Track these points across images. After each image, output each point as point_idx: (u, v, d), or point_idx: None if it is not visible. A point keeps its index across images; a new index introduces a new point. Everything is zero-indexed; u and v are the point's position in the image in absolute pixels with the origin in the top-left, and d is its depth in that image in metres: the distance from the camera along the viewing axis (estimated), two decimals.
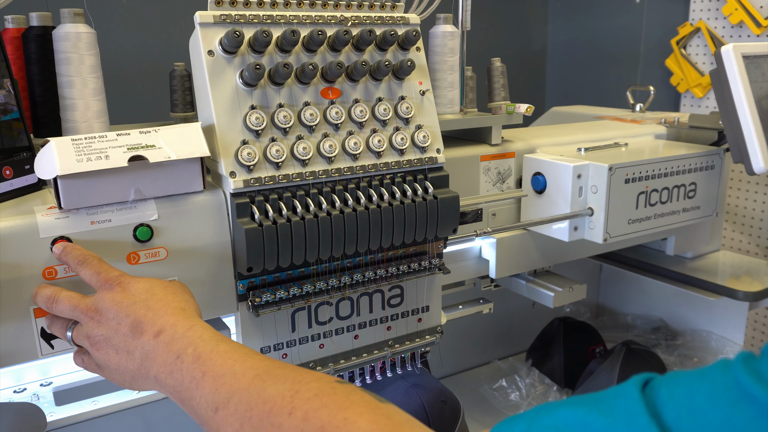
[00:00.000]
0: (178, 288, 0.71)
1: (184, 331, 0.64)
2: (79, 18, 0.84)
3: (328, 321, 0.93)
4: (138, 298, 0.67)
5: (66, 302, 0.69)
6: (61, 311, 0.70)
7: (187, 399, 0.60)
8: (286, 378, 0.56)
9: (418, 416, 1.00)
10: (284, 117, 0.83)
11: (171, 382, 0.61)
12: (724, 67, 1.09)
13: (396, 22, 0.92)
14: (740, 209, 1.82)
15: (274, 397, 0.54)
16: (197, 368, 0.60)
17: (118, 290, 0.68)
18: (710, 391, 0.43)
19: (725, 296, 1.41)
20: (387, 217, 0.87)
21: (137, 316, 0.66)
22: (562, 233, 1.14)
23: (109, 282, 0.69)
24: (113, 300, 0.67)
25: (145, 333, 0.65)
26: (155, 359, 0.63)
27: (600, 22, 2.40)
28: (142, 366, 0.64)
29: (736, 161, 1.12)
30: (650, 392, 0.44)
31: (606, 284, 1.85)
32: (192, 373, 0.60)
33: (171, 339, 0.63)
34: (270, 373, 0.57)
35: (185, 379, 0.60)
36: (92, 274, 0.70)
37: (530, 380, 1.50)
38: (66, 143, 0.73)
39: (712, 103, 2.00)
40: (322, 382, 0.55)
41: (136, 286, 0.68)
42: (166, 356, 0.62)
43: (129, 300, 0.67)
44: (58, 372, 0.96)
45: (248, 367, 0.58)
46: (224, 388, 0.57)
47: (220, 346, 0.61)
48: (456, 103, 1.15)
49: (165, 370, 0.62)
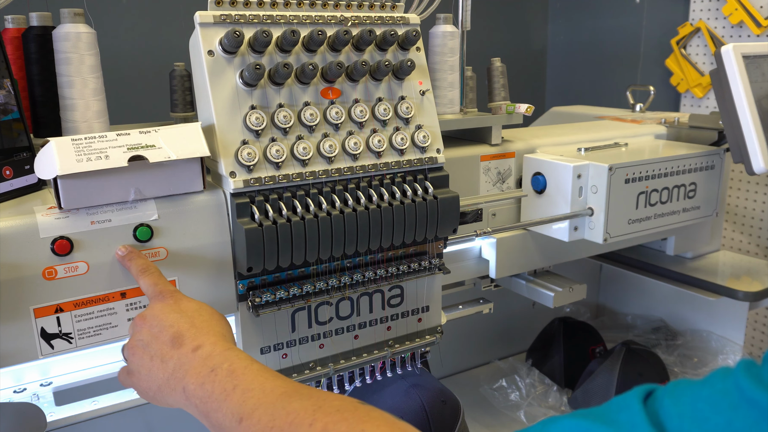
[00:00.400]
0: (222, 317, 0.73)
1: (222, 350, 0.65)
2: (79, 18, 0.84)
3: (328, 321, 0.93)
4: (185, 314, 0.69)
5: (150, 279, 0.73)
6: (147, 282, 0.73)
7: (213, 410, 0.61)
8: (311, 395, 0.58)
9: (418, 416, 1.00)
10: (284, 117, 0.83)
11: (200, 393, 0.62)
12: (724, 67, 1.09)
13: (396, 22, 0.92)
14: (740, 209, 1.82)
15: (297, 410, 0.56)
16: (229, 381, 0.61)
17: (170, 302, 0.70)
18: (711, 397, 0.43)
19: (725, 296, 1.41)
20: (387, 217, 0.87)
21: (180, 329, 0.68)
22: (562, 233, 1.14)
23: (163, 294, 0.71)
24: (162, 309, 0.70)
25: (185, 345, 0.66)
26: (189, 371, 0.64)
27: (600, 22, 2.40)
28: (173, 375, 0.65)
29: (736, 161, 1.12)
30: (653, 403, 0.45)
31: (606, 284, 1.85)
32: (224, 385, 0.61)
33: (209, 354, 0.65)
34: (297, 391, 0.59)
35: (216, 390, 0.61)
36: (150, 284, 0.73)
37: (530, 380, 1.50)
38: (66, 143, 0.73)
39: (712, 103, 2.00)
40: (345, 401, 0.57)
41: (187, 304, 0.71)
42: (200, 368, 0.64)
43: (176, 313, 0.69)
44: (58, 372, 0.96)
45: (277, 385, 0.60)
46: (251, 401, 0.59)
47: (254, 365, 0.63)
48: (456, 103, 1.15)
49: (196, 381, 0.63)
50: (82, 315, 0.77)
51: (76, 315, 0.76)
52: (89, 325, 0.78)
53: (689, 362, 1.55)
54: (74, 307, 0.76)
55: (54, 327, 0.75)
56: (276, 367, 0.90)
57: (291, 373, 0.91)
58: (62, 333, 0.76)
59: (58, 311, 0.75)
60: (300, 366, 0.92)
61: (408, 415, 1.00)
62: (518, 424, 1.38)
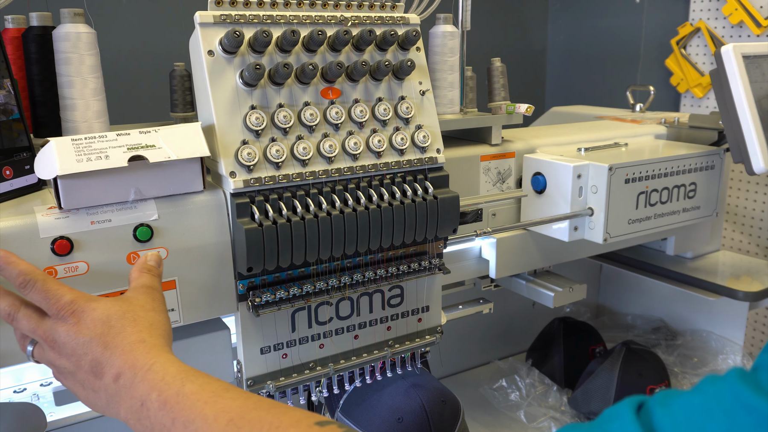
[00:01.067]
0: (138, 309, 0.65)
1: (144, 374, 0.58)
2: (79, 18, 0.84)
3: (328, 321, 0.93)
4: (94, 333, 0.62)
5: (25, 322, 0.64)
6: (22, 329, 0.65)
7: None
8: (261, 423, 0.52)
9: (418, 416, 1.00)
10: (284, 117, 0.83)
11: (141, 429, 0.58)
12: (724, 67, 1.09)
13: (396, 22, 0.92)
14: (740, 209, 1.82)
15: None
16: (165, 415, 0.55)
17: (72, 322, 0.63)
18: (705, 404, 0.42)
19: (725, 296, 1.41)
20: (387, 217, 0.87)
21: (95, 356, 0.61)
22: (562, 233, 1.14)
23: (61, 312, 0.63)
24: (68, 335, 0.62)
25: (105, 375, 0.60)
26: (120, 403, 0.59)
27: (600, 22, 2.40)
28: (109, 405, 0.61)
29: (736, 161, 1.12)
30: (645, 414, 0.44)
31: (606, 284, 1.85)
32: (161, 420, 0.56)
33: (131, 384, 0.58)
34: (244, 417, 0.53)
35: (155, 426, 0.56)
36: (41, 299, 0.64)
37: (530, 380, 1.50)
38: (66, 143, 0.73)
39: (712, 103, 2.00)
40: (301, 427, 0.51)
41: (91, 316, 0.63)
42: (130, 402, 0.58)
43: (84, 336, 0.62)
44: None
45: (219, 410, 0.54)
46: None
47: (186, 387, 0.56)
48: (456, 103, 1.15)
49: (133, 417, 0.58)
50: None
51: None
52: None
53: (689, 362, 1.55)
54: None
55: None
56: (276, 368, 0.90)
57: (291, 373, 0.91)
58: None
59: None
60: (300, 366, 0.92)
61: (408, 415, 1.00)
62: (518, 424, 1.39)
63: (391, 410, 1.00)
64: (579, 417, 1.39)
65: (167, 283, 0.80)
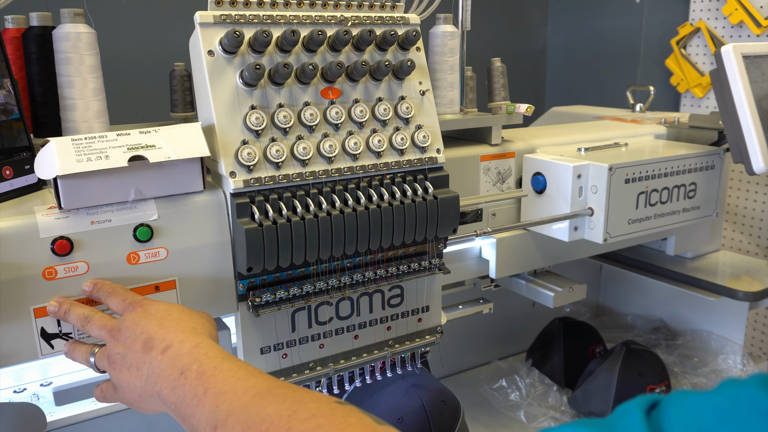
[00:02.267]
0: (195, 312, 0.73)
1: (190, 348, 0.65)
2: (79, 18, 0.84)
3: (328, 321, 0.93)
4: (154, 317, 0.69)
5: (98, 322, 0.72)
6: (91, 330, 0.72)
7: (187, 416, 0.60)
8: (285, 397, 0.56)
9: (418, 416, 1.00)
10: (284, 117, 0.83)
11: (173, 398, 0.62)
12: (724, 67, 1.09)
13: (396, 22, 0.92)
14: (740, 209, 1.82)
15: (271, 416, 0.55)
16: (200, 384, 0.60)
17: (139, 310, 0.71)
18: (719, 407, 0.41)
19: (725, 296, 1.41)
20: (387, 217, 0.87)
21: (150, 333, 0.67)
22: (562, 233, 1.14)
23: (132, 304, 0.72)
24: (132, 319, 0.70)
25: (154, 348, 0.66)
26: (160, 375, 0.64)
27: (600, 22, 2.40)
28: (147, 382, 0.65)
29: (736, 161, 1.12)
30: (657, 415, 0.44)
31: (606, 284, 1.85)
32: (194, 389, 0.60)
33: (177, 354, 0.64)
34: (270, 392, 0.57)
35: (187, 395, 0.61)
36: (119, 301, 0.73)
37: (530, 380, 1.50)
38: (66, 143, 0.73)
39: (712, 103, 2.00)
40: (321, 402, 0.55)
41: (156, 307, 0.71)
42: (170, 371, 0.63)
43: (146, 319, 0.69)
44: (58, 372, 0.96)
45: (250, 386, 0.59)
46: (224, 406, 0.58)
47: (225, 364, 0.62)
48: (456, 103, 1.15)
49: (168, 386, 0.63)
50: None
51: None
52: None
53: (689, 362, 1.55)
54: None
55: (54, 327, 0.75)
56: (276, 368, 0.90)
57: (291, 373, 0.91)
58: (62, 333, 0.76)
59: None
60: (300, 366, 0.92)
61: (408, 415, 1.00)
62: (518, 424, 1.39)
63: (391, 410, 1.00)
64: (579, 417, 1.39)
65: (167, 283, 0.80)
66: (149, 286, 0.79)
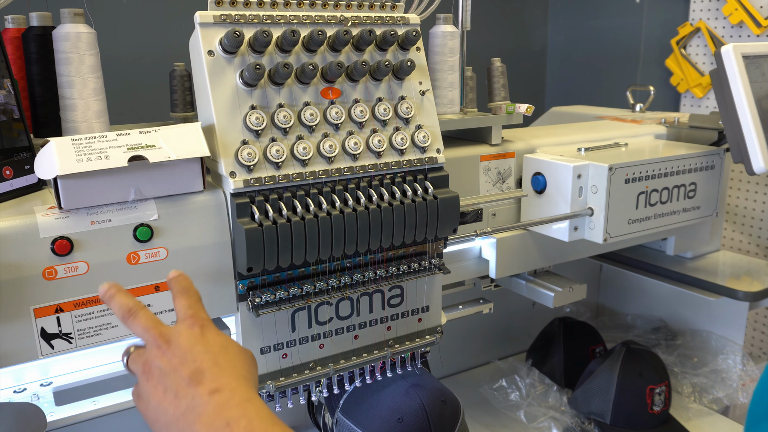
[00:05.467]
0: (249, 357, 0.68)
1: (241, 401, 0.60)
2: (79, 18, 0.84)
3: (328, 321, 0.93)
4: (210, 350, 0.64)
5: (143, 321, 0.66)
6: (134, 327, 0.67)
7: None
8: None
9: (418, 416, 1.00)
10: (284, 117, 0.83)
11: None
12: (724, 67, 1.09)
13: (396, 22, 0.92)
14: (740, 209, 1.82)
15: None
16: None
17: (197, 331, 0.65)
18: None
19: (725, 296, 1.41)
20: (387, 217, 0.87)
21: (201, 366, 0.62)
22: (562, 233, 1.14)
23: (194, 320, 0.66)
24: (188, 338, 0.64)
25: (202, 385, 0.61)
26: (201, 416, 0.60)
27: (600, 22, 2.40)
28: (184, 416, 0.60)
29: (736, 161, 1.12)
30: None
31: (606, 284, 1.85)
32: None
33: (226, 403, 0.60)
34: None
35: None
36: (185, 305, 0.68)
37: (530, 380, 1.50)
38: (66, 143, 0.73)
39: (712, 103, 2.00)
40: None
41: (215, 338, 0.66)
42: (214, 418, 0.59)
43: (201, 346, 0.64)
44: (58, 372, 0.96)
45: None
46: None
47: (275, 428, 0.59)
48: (456, 103, 1.15)
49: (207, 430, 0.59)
50: (82, 315, 0.77)
51: (76, 315, 0.77)
52: (89, 325, 0.78)
53: (689, 362, 1.55)
54: (74, 307, 0.76)
55: (54, 327, 0.75)
56: (276, 368, 0.90)
57: (291, 373, 0.91)
58: (62, 333, 0.76)
59: (58, 311, 0.75)
60: (300, 366, 0.92)
61: (408, 415, 1.00)
62: (518, 424, 1.39)
63: (391, 410, 1.00)
64: (579, 417, 1.39)
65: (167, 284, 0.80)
66: (149, 286, 0.79)
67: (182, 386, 0.61)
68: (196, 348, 0.64)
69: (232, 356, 0.65)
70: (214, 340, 0.65)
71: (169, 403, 0.61)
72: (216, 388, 0.61)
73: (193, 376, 0.61)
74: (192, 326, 0.66)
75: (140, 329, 0.66)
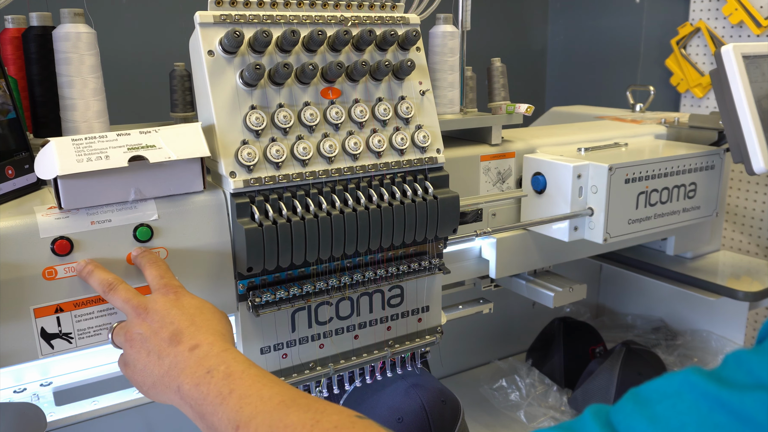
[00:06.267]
0: (224, 317, 0.72)
1: (219, 351, 0.65)
2: (79, 18, 0.84)
3: (328, 321, 0.93)
4: (186, 311, 0.69)
5: (122, 293, 0.71)
6: (114, 300, 0.71)
7: (208, 413, 0.61)
8: (308, 407, 0.57)
9: (418, 416, 1.00)
10: (284, 117, 0.83)
11: (195, 394, 0.62)
12: (724, 67, 1.09)
13: (396, 22, 0.92)
14: (740, 209, 1.82)
15: (294, 424, 0.56)
16: (226, 385, 0.61)
17: (172, 297, 0.70)
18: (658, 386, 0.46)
19: (725, 296, 1.41)
20: (387, 217, 0.87)
21: (180, 326, 0.67)
22: (562, 233, 1.14)
23: (167, 288, 0.71)
24: (164, 304, 0.69)
25: (182, 343, 0.66)
26: (184, 369, 0.64)
27: (600, 22, 2.40)
28: (168, 373, 0.65)
29: (736, 161, 1.12)
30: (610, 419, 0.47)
31: (606, 284, 1.85)
32: (219, 389, 0.61)
33: (205, 354, 0.64)
34: (295, 401, 0.58)
35: (211, 393, 0.61)
36: (156, 275, 0.73)
37: (530, 380, 1.50)
38: (66, 143, 0.73)
39: (712, 103, 2.00)
40: (342, 415, 0.56)
41: (189, 300, 0.71)
42: (196, 368, 0.63)
43: (177, 309, 0.69)
44: (58, 372, 0.96)
45: (275, 393, 0.60)
46: (248, 408, 0.58)
47: (251, 370, 0.63)
48: (456, 103, 1.15)
49: (191, 381, 0.63)
50: (82, 315, 0.77)
51: (76, 315, 0.77)
52: (89, 325, 0.78)
53: (689, 362, 1.55)
54: (74, 307, 0.76)
55: (54, 327, 0.75)
56: (276, 368, 0.90)
57: (291, 373, 0.91)
58: (62, 333, 0.76)
59: (58, 311, 0.75)
60: (300, 366, 0.92)
61: (408, 415, 1.00)
62: (518, 424, 1.39)
63: (391, 410, 1.00)
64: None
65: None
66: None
67: (164, 347, 0.66)
68: (173, 311, 0.68)
69: (207, 316, 0.70)
70: (189, 303, 0.70)
71: (154, 364, 0.66)
72: (195, 344, 0.65)
73: (173, 337, 0.66)
74: (167, 293, 0.71)
75: (120, 301, 0.71)
